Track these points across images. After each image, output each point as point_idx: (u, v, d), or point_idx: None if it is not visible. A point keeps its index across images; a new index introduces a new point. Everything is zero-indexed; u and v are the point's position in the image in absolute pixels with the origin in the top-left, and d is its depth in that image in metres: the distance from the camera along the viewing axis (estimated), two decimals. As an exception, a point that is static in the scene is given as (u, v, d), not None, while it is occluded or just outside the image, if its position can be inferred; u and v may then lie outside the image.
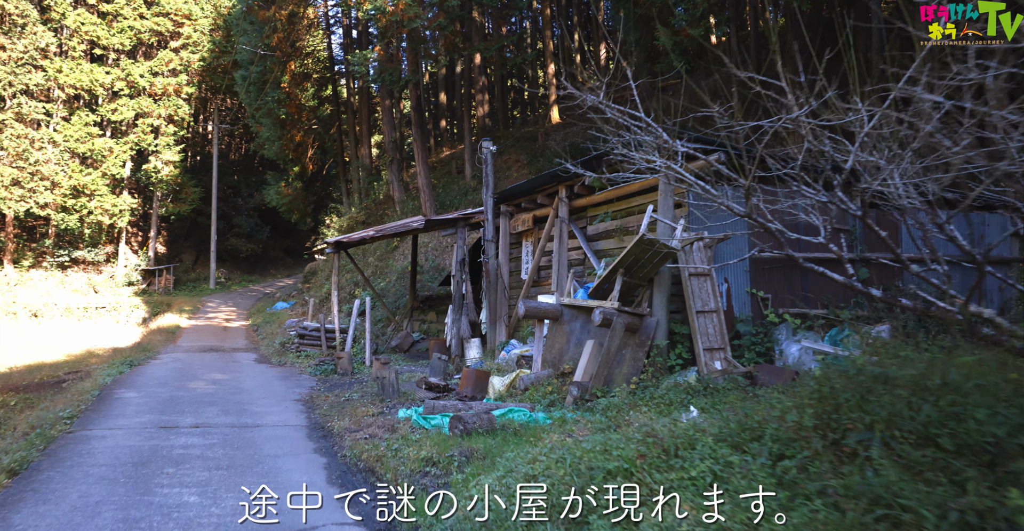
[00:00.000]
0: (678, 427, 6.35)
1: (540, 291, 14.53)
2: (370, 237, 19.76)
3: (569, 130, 30.95)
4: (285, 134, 39.19)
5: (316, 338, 19.96)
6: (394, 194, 30.67)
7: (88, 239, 47.00)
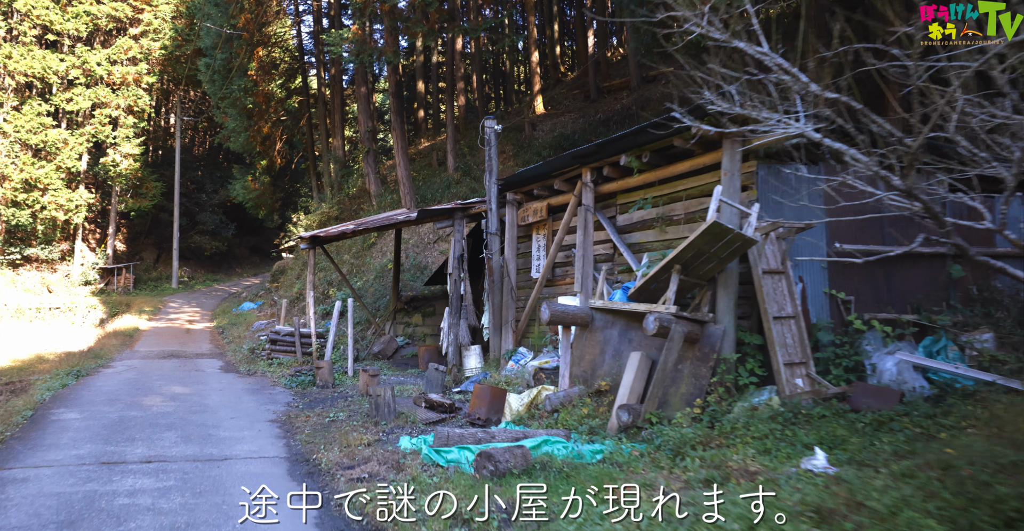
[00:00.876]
0: (854, 495, 4.27)
1: (555, 292, 12.44)
2: (351, 231, 17.53)
3: (557, 120, 28.90)
4: (252, 125, 36.62)
5: (290, 344, 17.66)
6: (370, 187, 28.38)
7: (41, 236, 43.96)
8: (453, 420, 10.29)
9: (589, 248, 11.02)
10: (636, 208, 10.36)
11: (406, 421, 10.20)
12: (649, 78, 29.32)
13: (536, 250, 12.98)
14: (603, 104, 29.07)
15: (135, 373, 16.74)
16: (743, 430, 7.14)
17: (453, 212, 13.98)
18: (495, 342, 13.48)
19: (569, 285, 12.14)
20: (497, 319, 13.40)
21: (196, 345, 24.37)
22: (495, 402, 9.90)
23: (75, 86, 43.41)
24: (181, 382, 15.26)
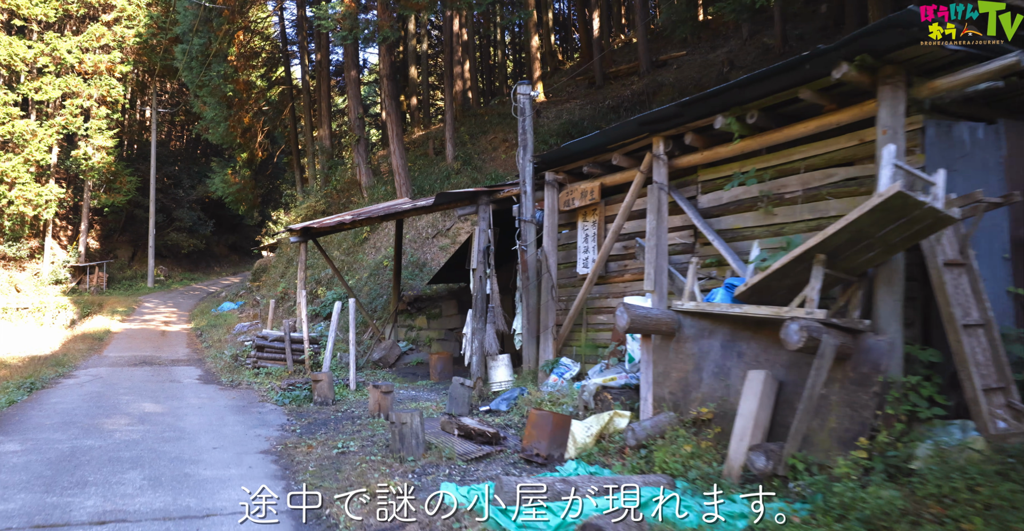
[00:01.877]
0: None
1: (609, 291, 10.13)
2: (349, 222, 15.10)
3: (562, 107, 26.60)
4: (232, 115, 33.96)
5: (279, 351, 15.20)
6: (361, 179, 25.90)
7: (9, 232, 40.94)
8: (501, 455, 7.94)
9: (663, 236, 8.70)
10: (733, 185, 8.03)
11: (439, 456, 7.83)
12: (659, 63, 27.14)
13: (583, 240, 10.64)
14: (610, 90, 26.83)
15: (100, 385, 14.19)
16: (964, 492, 4.85)
17: (477, 196, 11.60)
18: (529, 351, 11.14)
19: (629, 283, 9.83)
20: (533, 324, 11.06)
21: (172, 349, 21.78)
22: (558, 433, 7.58)
23: (44, 75, 40.44)
24: (153, 396, 12.76)
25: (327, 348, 13.04)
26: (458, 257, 17.35)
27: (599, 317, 10.32)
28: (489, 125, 26.00)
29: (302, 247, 16.51)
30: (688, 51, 27.51)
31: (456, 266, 17.72)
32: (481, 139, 25.52)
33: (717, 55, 26.49)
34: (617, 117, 25.03)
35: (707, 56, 26.80)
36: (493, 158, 24.83)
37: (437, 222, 22.91)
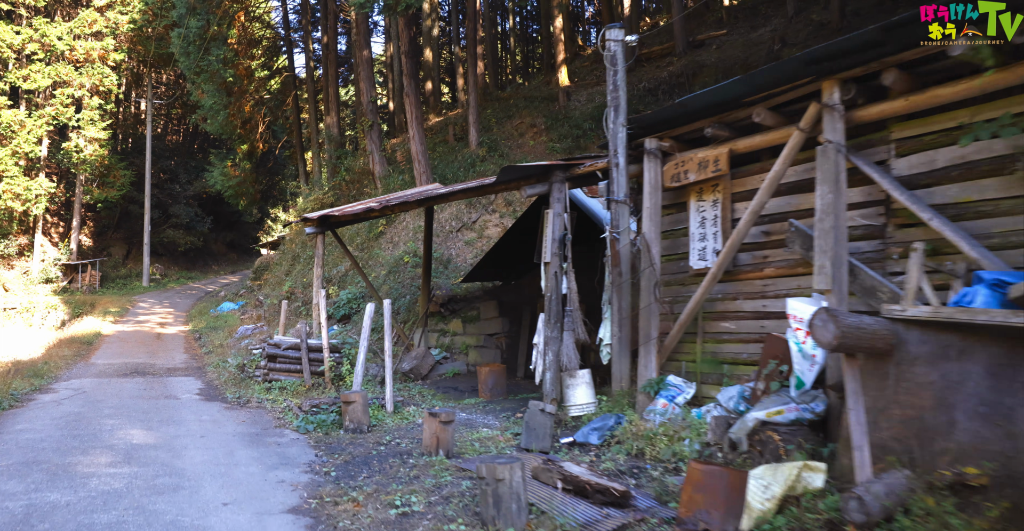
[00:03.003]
0: None
1: (739, 289, 7.67)
2: (378, 209, 12.57)
3: (594, 90, 24.15)
4: (232, 103, 31.40)
5: (294, 361, 12.71)
6: (374, 168, 23.38)
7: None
8: (642, 527, 5.45)
9: (841, 216, 6.23)
10: (968, 139, 5.54)
11: (552, 528, 5.34)
12: (696, 43, 24.73)
13: (698, 225, 8.16)
14: (643, 73, 24.40)
15: (81, 403, 11.65)
16: None
17: (550, 172, 9.11)
18: (621, 366, 8.66)
19: (771, 279, 7.36)
20: (627, 332, 8.58)
21: (168, 355, 19.23)
22: (734, 498, 5.12)
23: (33, 62, 37.76)
24: (144, 420, 10.24)
25: (359, 361, 10.51)
26: (497, 252, 14.91)
27: (723, 324, 7.85)
28: (514, 109, 23.54)
29: (319, 239, 14.03)
30: (727, 31, 25.08)
31: (493, 262, 15.27)
32: (506, 125, 23.08)
33: (760, 34, 24.08)
34: (655, 100, 22.62)
35: (749, 36, 24.38)
36: (520, 145, 22.37)
37: (461, 214, 20.44)
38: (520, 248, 15.20)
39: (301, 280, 23.71)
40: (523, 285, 15.64)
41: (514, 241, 14.80)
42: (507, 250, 14.96)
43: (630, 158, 8.65)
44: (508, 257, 15.23)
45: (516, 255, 15.38)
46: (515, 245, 14.89)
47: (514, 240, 14.77)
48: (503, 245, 14.95)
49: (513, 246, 14.92)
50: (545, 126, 22.42)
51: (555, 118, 22.43)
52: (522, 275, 16.23)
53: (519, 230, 14.59)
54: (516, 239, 14.72)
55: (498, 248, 14.95)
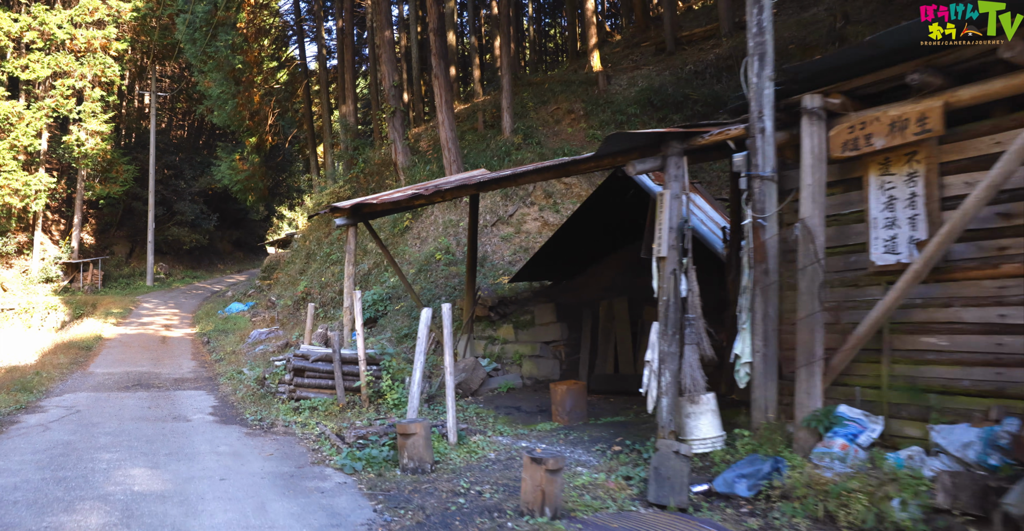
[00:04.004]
0: None
1: (960, 293, 5.55)
2: (425, 195, 10.41)
3: (635, 74, 22.07)
4: (240, 92, 29.28)
5: (325, 375, 10.64)
6: (396, 158, 21.29)
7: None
8: None
9: None
10: None
11: None
12: (742, 24, 22.53)
13: (882, 208, 6.03)
14: (685, 56, 22.37)
15: (72, 428, 9.59)
16: None
17: (664, 141, 7.00)
18: (767, 391, 6.58)
19: (1010, 279, 5.27)
20: (773, 347, 6.51)
21: (174, 362, 17.16)
22: None
23: (32, 52, 35.68)
24: (148, 453, 8.17)
25: (414, 379, 8.39)
26: (553, 246, 12.86)
27: (926, 339, 5.77)
28: (549, 94, 21.46)
29: (350, 232, 11.95)
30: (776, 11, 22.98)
31: (545, 259, 13.21)
32: (540, 111, 21.01)
33: (813, 14, 22.02)
34: (703, 82, 20.56)
35: (800, 15, 22.32)
36: (557, 132, 20.28)
37: (496, 207, 18.37)
38: (575, 243, 13.17)
39: (318, 279, 21.64)
40: (579, 285, 13.58)
41: (568, 235, 12.78)
42: (560, 245, 12.92)
43: (783, 122, 6.57)
44: (562, 253, 13.20)
45: (570, 251, 13.34)
46: (569, 240, 12.87)
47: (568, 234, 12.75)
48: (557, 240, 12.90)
49: (567, 241, 12.90)
50: (584, 112, 20.34)
51: (595, 103, 20.36)
52: (574, 274, 14.16)
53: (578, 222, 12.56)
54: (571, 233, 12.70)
55: (555, 242, 12.91)
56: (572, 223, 12.68)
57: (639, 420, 9.29)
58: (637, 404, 10.29)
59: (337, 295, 19.89)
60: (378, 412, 10.21)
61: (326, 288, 20.69)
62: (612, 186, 12.70)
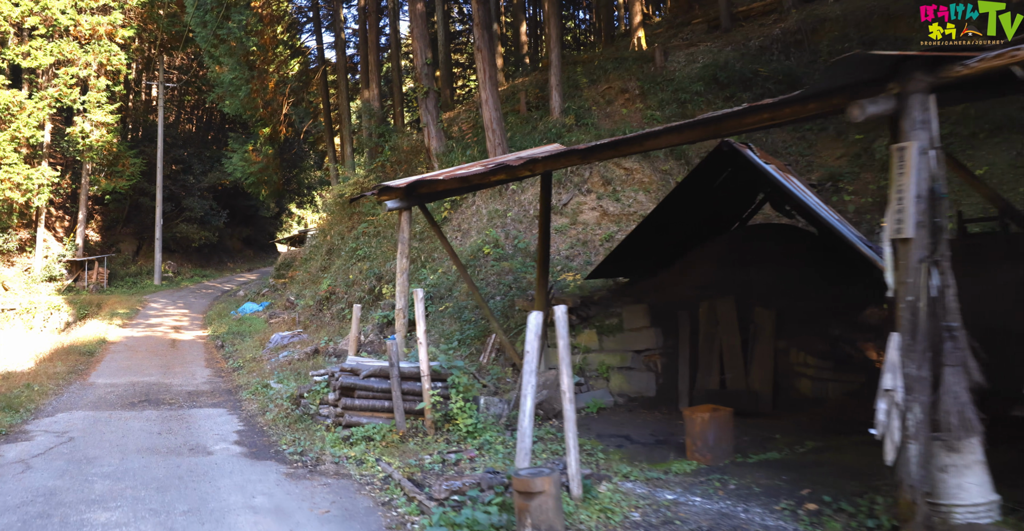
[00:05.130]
0: None
1: None
2: (515, 165, 7.99)
3: (691, 51, 19.77)
4: (254, 77, 26.99)
5: (380, 395, 8.38)
6: (430, 143, 19.00)
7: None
8: None
9: None
10: None
11: None
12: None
13: None
14: (748, 31, 20.10)
15: (59, 468, 7.33)
16: None
17: (902, 68, 4.72)
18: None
19: None
20: None
21: (186, 370, 14.92)
22: None
23: (34, 38, 33.40)
24: (159, 508, 5.94)
25: (524, 409, 6.04)
26: (636, 236, 10.59)
27: None
28: (600, 73, 19.18)
29: (403, 217, 9.70)
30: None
31: (625, 254, 10.95)
32: (590, 91, 18.74)
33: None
34: (771, 58, 18.28)
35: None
36: (609, 114, 18.01)
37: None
38: (660, 232, 10.93)
39: (343, 277, 19.38)
40: (666, 282, 11.28)
41: (653, 224, 10.56)
42: (642, 236, 10.69)
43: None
44: (643, 245, 10.95)
45: (652, 242, 11.08)
46: (653, 229, 10.64)
47: (654, 222, 10.53)
48: (643, 229, 10.66)
49: (650, 230, 10.67)
50: (640, 91, 18.04)
51: (652, 81, 18.07)
52: (656, 269, 11.86)
53: (668, 208, 10.35)
54: (657, 221, 10.48)
55: (638, 233, 10.65)
56: (664, 208, 10.45)
57: (801, 458, 7.01)
58: (778, 432, 8.01)
59: (366, 294, 17.63)
60: (449, 442, 7.96)
61: (353, 287, 18.42)
62: (710, 166, 10.47)
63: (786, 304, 9.85)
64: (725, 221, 12.54)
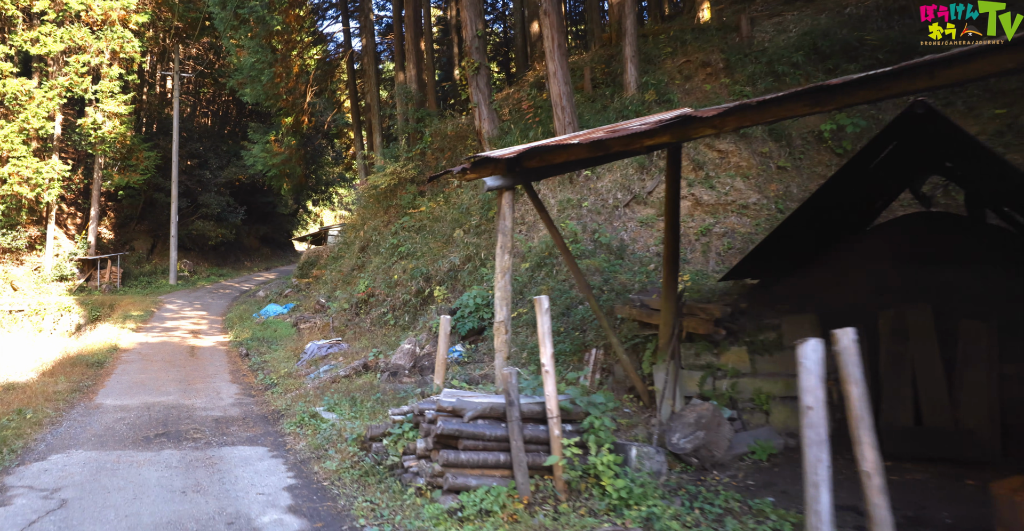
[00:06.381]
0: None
1: None
2: (703, 117, 5.51)
3: (783, 18, 17.20)
4: (277, 61, 24.53)
5: (494, 444, 5.85)
6: (481, 125, 16.50)
7: (2, 218, 31.65)
8: None
9: None
10: None
11: None
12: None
13: None
14: (837, 0, 17.46)
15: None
16: None
17: None
18: None
19: None
20: None
21: (210, 387, 12.46)
22: None
23: (43, 24, 31.06)
24: None
25: (819, 478, 3.52)
26: (792, 225, 8.10)
27: None
28: (676, 44, 16.64)
29: (505, 198, 7.18)
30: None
31: (765, 247, 8.45)
32: (665, 64, 16.21)
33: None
34: (876, 28, 15.70)
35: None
36: (689, 90, 15.47)
37: (630, 182, 13.63)
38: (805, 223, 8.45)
39: (384, 276, 16.91)
40: (818, 285, 8.73)
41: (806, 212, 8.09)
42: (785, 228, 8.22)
43: None
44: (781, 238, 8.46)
45: (792, 235, 8.58)
46: (802, 219, 8.16)
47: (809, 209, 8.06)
48: (794, 219, 8.18)
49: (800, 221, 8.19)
50: (724, 64, 15.50)
51: (738, 53, 15.52)
52: (790, 268, 9.32)
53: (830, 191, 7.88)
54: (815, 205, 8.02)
55: (789, 223, 8.16)
56: (824, 193, 7.95)
57: None
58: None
59: (413, 297, 15.16)
60: (595, 515, 5.47)
61: (396, 288, 15.95)
62: (889, 136, 7.93)
63: (1010, 316, 7.31)
64: (871, 210, 10.05)
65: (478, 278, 13.64)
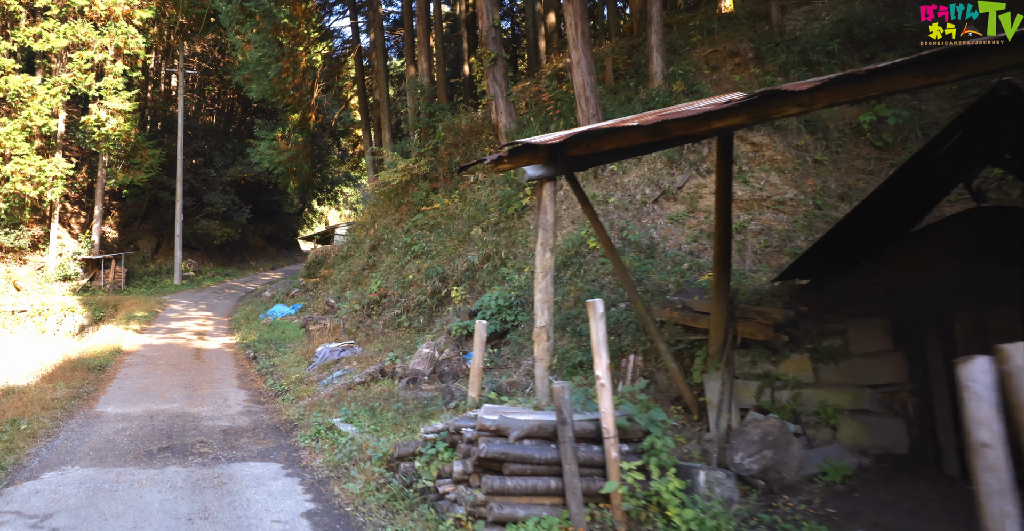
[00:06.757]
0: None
1: None
2: (737, 107, 4.81)
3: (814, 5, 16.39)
4: (283, 55, 23.79)
5: (544, 469, 5.08)
6: (498, 118, 15.76)
7: (5, 217, 30.96)
8: None
9: None
10: None
11: None
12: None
13: None
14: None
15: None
16: None
17: None
18: None
19: None
20: None
21: (217, 392, 11.72)
22: None
23: (47, 19, 30.37)
24: None
25: None
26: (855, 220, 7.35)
27: None
28: (702, 33, 15.88)
29: (546, 189, 6.43)
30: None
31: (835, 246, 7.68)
32: (690, 56, 15.46)
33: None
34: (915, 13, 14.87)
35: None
36: (716, 81, 14.71)
37: (659, 177, 12.87)
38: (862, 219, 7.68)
39: (397, 277, 16.16)
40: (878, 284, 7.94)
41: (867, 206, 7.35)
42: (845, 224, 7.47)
43: None
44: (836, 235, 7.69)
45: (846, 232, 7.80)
46: (862, 214, 7.42)
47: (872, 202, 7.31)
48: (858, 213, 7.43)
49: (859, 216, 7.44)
50: (754, 54, 14.73)
51: (769, 41, 14.76)
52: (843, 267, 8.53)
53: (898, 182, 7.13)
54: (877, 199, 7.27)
55: (853, 217, 7.41)
56: (890, 185, 7.19)
57: None
58: None
59: (428, 298, 14.41)
60: (662, 551, 4.69)
61: (410, 288, 15.21)
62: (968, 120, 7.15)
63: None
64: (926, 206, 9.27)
65: (498, 278, 12.89)
